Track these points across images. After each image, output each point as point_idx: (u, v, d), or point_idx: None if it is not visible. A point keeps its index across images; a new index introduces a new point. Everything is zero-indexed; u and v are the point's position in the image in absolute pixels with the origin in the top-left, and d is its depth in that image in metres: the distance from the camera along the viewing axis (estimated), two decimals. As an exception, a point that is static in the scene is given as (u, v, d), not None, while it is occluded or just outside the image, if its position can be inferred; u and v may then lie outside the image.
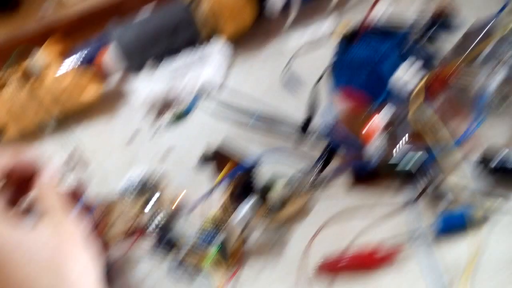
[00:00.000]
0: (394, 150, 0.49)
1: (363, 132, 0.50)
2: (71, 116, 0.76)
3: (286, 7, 0.77)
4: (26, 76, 0.73)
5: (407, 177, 0.49)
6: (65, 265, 0.34)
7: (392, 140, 0.51)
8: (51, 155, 0.41)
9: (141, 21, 0.77)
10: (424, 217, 0.49)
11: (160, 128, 0.72)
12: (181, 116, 0.73)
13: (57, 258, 0.34)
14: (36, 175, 0.39)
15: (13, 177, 0.38)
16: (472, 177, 0.50)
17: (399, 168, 0.48)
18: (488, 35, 0.57)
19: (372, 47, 0.57)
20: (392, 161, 0.49)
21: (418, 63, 0.56)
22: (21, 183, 0.39)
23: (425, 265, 0.44)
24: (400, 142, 0.50)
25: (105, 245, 0.54)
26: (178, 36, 0.76)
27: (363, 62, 0.57)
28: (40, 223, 0.35)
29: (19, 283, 0.32)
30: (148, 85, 0.75)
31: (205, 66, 0.76)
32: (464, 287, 0.42)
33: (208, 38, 0.77)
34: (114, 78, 0.82)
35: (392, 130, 0.51)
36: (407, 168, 0.48)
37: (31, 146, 0.73)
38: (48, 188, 0.38)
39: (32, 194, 0.38)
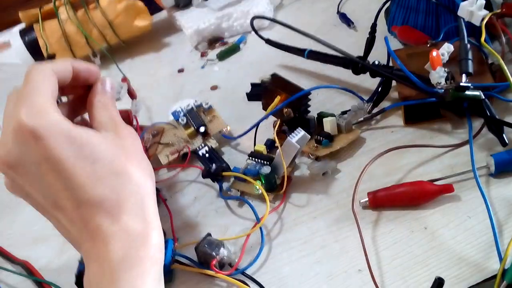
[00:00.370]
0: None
1: (424, 66, 0.49)
2: (120, 48, 0.77)
3: None
4: (76, 4, 0.73)
5: (471, 107, 0.47)
6: (127, 168, 0.34)
7: (451, 78, 0.49)
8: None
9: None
10: (480, 156, 0.48)
11: (208, 62, 0.72)
12: (229, 51, 0.72)
13: (120, 160, 0.34)
14: (96, 85, 0.39)
15: (75, 84, 0.38)
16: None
17: (467, 93, 0.46)
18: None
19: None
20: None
21: (481, 1, 0.53)
22: (82, 93, 0.40)
23: (480, 202, 0.43)
24: (461, 78, 0.48)
25: (154, 169, 0.55)
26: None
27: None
28: (103, 129, 0.36)
29: (84, 180, 0.32)
30: (197, 20, 0.75)
31: (254, 2, 0.75)
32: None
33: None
34: (163, 13, 0.81)
35: (451, 69, 0.49)
36: (476, 94, 0.46)
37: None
38: (109, 98, 0.39)
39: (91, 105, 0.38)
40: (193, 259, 0.46)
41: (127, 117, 0.53)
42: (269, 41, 0.67)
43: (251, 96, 0.58)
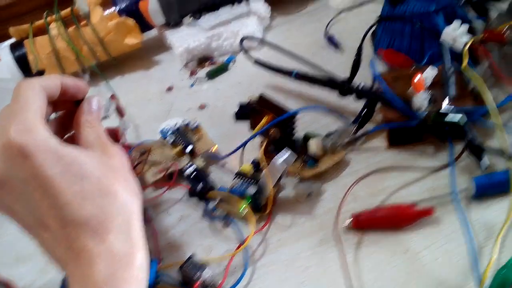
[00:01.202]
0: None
1: (408, 90, 0.50)
2: (110, 65, 0.77)
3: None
4: (68, 21, 0.73)
5: (453, 131, 0.48)
6: (115, 187, 0.34)
7: (434, 102, 0.50)
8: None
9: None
10: (461, 179, 0.49)
11: (197, 81, 0.73)
12: (218, 70, 0.73)
13: (108, 179, 0.34)
14: (82, 104, 0.39)
15: (64, 99, 0.39)
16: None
17: (447, 118, 0.47)
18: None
19: (419, 7, 0.56)
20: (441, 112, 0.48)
21: (464, 27, 0.55)
22: (71, 109, 0.40)
23: (460, 224, 0.44)
24: (443, 103, 0.49)
25: (141, 187, 0.55)
26: (218, -8, 0.76)
27: (411, 19, 0.56)
28: (90, 148, 0.36)
29: (70, 198, 0.32)
30: (187, 39, 0.76)
31: (244, 23, 0.76)
32: (498, 246, 0.42)
33: (248, -5, 0.77)
34: (153, 31, 0.82)
35: (434, 92, 0.51)
36: (456, 120, 0.47)
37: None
38: (95, 117, 0.39)
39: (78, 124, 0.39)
40: (177, 279, 0.46)
41: (115, 135, 0.54)
42: (257, 62, 0.68)
43: (239, 116, 0.59)
